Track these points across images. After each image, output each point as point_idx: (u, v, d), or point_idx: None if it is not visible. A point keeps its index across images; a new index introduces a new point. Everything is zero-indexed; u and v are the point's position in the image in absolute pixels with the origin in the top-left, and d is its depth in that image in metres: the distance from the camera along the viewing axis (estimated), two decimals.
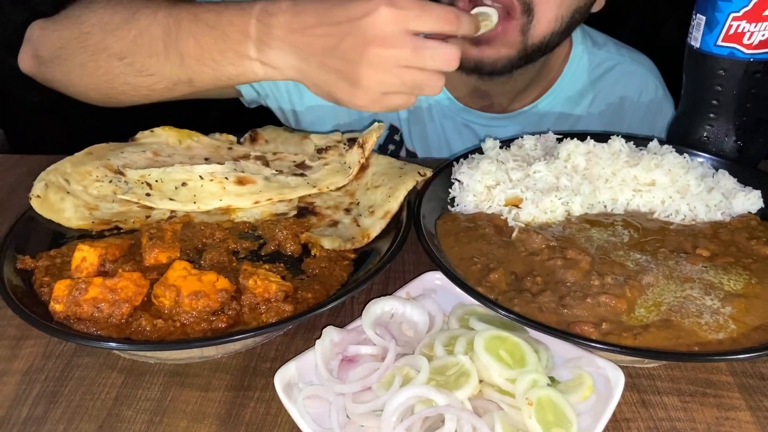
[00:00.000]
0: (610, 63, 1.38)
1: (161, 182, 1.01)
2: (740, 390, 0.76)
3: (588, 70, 1.37)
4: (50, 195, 0.97)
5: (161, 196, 1.00)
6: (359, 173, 1.06)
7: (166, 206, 1.00)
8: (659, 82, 1.42)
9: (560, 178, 0.96)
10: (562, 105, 1.36)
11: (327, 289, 0.84)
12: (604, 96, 1.38)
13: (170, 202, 1.00)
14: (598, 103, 1.38)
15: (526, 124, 1.35)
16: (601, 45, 1.39)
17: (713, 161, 1.03)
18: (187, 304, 0.77)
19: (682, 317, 0.75)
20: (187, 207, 0.99)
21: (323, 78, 0.89)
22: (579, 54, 1.36)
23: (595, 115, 1.38)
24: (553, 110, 1.36)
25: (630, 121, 1.41)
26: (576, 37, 1.34)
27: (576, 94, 1.37)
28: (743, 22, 0.98)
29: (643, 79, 1.41)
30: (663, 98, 1.42)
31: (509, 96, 1.32)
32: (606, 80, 1.38)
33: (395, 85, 0.86)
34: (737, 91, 1.04)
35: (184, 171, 1.02)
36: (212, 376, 0.78)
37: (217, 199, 1.00)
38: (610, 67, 1.38)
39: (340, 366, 0.72)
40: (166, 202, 1.00)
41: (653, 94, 1.41)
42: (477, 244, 0.88)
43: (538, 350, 0.71)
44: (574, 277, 0.81)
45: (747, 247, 0.87)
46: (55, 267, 0.86)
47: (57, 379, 0.78)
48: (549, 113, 1.36)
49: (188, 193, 1.00)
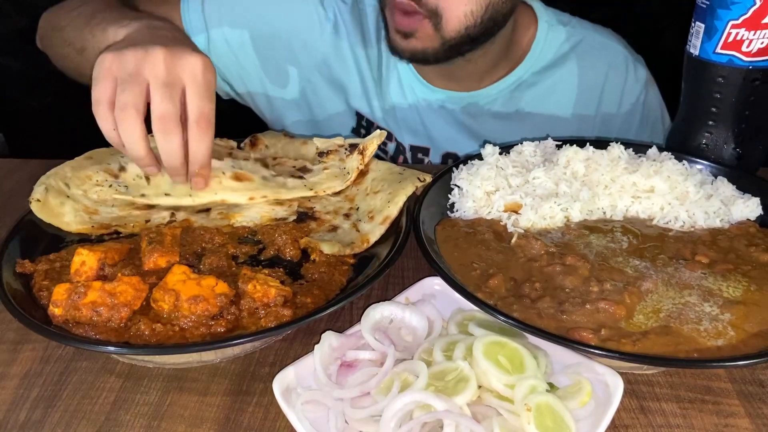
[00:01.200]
0: (576, 37, 1.41)
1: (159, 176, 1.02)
2: (739, 397, 0.75)
3: (555, 45, 1.39)
4: (50, 199, 0.97)
5: (157, 192, 1.01)
6: (359, 178, 1.06)
7: (162, 202, 1.01)
8: (627, 52, 1.44)
9: (559, 185, 0.96)
10: (532, 78, 1.39)
11: (326, 293, 0.84)
12: (573, 69, 1.40)
13: (166, 197, 1.01)
14: (567, 77, 1.40)
15: (497, 100, 1.38)
16: (566, 22, 1.42)
17: (712, 168, 1.03)
18: (186, 309, 0.77)
19: (681, 324, 0.75)
20: (183, 201, 1.01)
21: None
22: (545, 30, 1.39)
23: (566, 89, 1.40)
24: (522, 84, 1.38)
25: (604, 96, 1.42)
26: (541, 16, 1.39)
27: (543, 68, 1.39)
28: (742, 30, 0.98)
29: (612, 50, 1.43)
30: (634, 66, 1.43)
31: (477, 76, 1.35)
32: (574, 53, 1.40)
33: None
34: (736, 99, 1.04)
35: None
36: (211, 380, 0.78)
37: (212, 193, 1.01)
38: (577, 41, 1.41)
39: (339, 371, 0.72)
40: (162, 198, 1.01)
41: (624, 64, 1.42)
42: (476, 249, 0.88)
43: (537, 356, 0.71)
44: (573, 283, 0.81)
45: (746, 254, 0.87)
46: (54, 271, 0.86)
47: (55, 383, 0.78)
48: (519, 86, 1.38)
49: (184, 188, 1.01)
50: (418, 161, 1.44)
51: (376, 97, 1.39)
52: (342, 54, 1.37)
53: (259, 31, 1.34)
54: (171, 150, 0.89)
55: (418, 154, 1.43)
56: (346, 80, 1.39)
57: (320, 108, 1.42)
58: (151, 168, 0.94)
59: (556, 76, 1.39)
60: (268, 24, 1.33)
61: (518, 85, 1.38)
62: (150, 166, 0.94)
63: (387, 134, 1.42)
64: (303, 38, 1.36)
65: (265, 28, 1.34)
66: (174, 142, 0.89)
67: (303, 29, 1.35)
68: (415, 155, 1.44)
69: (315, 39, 1.36)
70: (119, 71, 0.89)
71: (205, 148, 0.91)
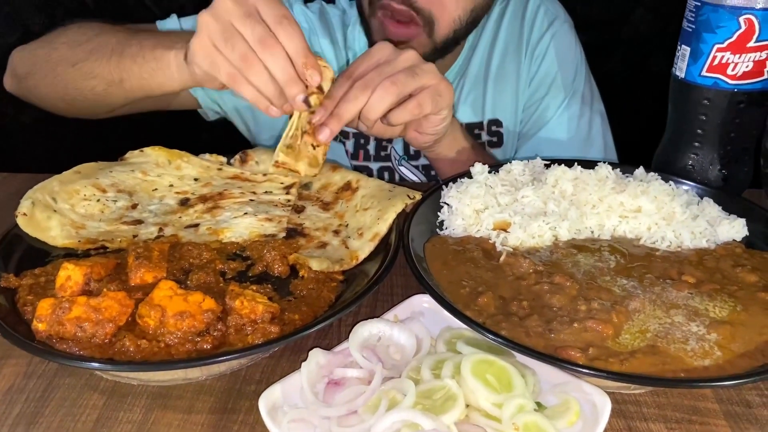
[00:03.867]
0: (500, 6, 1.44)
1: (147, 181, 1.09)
2: (726, 417, 0.75)
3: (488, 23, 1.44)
4: (37, 213, 0.96)
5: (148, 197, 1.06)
6: (348, 195, 1.07)
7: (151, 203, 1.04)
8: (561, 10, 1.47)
9: (548, 203, 0.97)
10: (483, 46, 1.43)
11: (314, 310, 0.83)
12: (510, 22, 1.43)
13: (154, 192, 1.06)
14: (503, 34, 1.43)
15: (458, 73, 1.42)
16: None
17: (698, 189, 1.04)
18: (172, 325, 0.76)
19: (668, 343, 0.75)
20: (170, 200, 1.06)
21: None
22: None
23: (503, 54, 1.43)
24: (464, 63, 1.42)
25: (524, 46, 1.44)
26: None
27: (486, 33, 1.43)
28: (727, 53, 1.00)
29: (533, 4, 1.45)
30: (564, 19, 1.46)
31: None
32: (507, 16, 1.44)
33: (220, 36, 0.92)
34: (721, 121, 1.06)
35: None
36: (196, 398, 0.77)
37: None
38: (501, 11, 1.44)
39: (326, 389, 0.71)
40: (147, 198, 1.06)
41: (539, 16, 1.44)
42: (465, 267, 0.88)
43: (525, 375, 0.70)
44: (561, 302, 0.81)
45: (732, 274, 0.88)
46: (39, 285, 0.85)
47: (38, 400, 0.77)
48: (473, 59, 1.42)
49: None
50: (382, 148, 1.44)
51: None
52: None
53: None
54: (280, 64, 0.90)
55: (383, 142, 1.44)
56: None
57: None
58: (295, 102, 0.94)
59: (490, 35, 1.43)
60: None
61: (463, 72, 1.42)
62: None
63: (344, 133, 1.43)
64: None
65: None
66: (280, 55, 0.90)
67: None
68: (379, 144, 1.44)
69: None
70: (225, 21, 0.91)
71: (300, 40, 0.92)
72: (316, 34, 1.41)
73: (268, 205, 1.06)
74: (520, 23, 1.44)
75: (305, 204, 1.08)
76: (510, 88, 1.43)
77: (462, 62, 1.42)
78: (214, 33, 0.91)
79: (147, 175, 1.10)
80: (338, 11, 1.45)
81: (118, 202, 1.04)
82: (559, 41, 1.43)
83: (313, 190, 1.12)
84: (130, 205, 1.05)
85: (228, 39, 0.91)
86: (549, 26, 1.43)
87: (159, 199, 1.07)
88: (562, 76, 1.42)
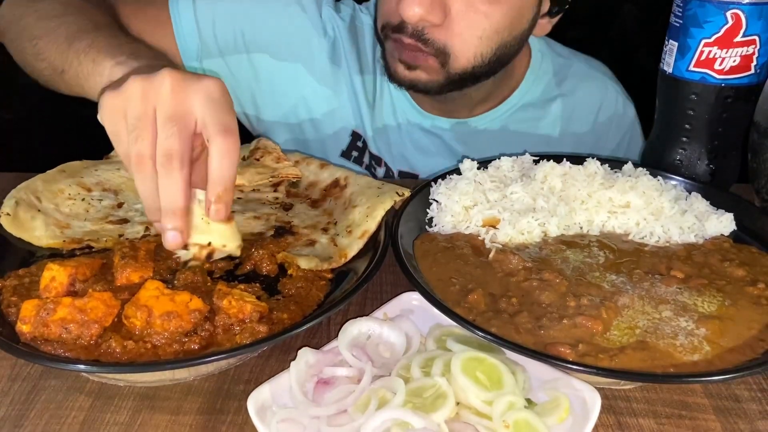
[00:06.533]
0: (568, 70, 1.43)
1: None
2: (715, 412, 0.76)
3: (548, 76, 1.41)
4: (20, 213, 0.95)
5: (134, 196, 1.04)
6: (337, 192, 1.06)
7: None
8: (618, 87, 1.47)
9: (537, 200, 0.96)
10: (524, 109, 1.40)
11: (303, 309, 0.83)
12: (564, 101, 1.42)
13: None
14: (558, 109, 1.42)
15: (490, 128, 1.39)
16: (558, 53, 1.44)
17: (686, 184, 1.05)
18: (158, 325, 0.75)
19: (658, 339, 0.75)
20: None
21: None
22: (539, 60, 1.40)
23: (557, 121, 1.42)
24: (514, 114, 1.39)
25: (596, 128, 1.45)
26: (534, 45, 1.39)
27: (536, 100, 1.40)
28: (715, 48, 1.00)
29: (601, 83, 1.45)
30: (624, 101, 1.46)
31: (470, 105, 1.36)
32: (565, 86, 1.42)
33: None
34: (709, 116, 1.06)
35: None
36: (183, 399, 0.76)
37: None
38: (568, 75, 1.43)
39: (316, 388, 0.71)
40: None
41: (614, 98, 1.45)
42: (455, 264, 0.87)
43: (516, 372, 0.70)
44: (551, 298, 0.81)
45: (720, 269, 0.88)
46: (23, 287, 0.84)
47: (23, 402, 0.76)
48: (512, 117, 1.39)
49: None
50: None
51: (369, 121, 1.37)
52: (338, 75, 1.34)
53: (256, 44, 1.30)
54: (171, 190, 0.73)
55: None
56: (340, 101, 1.36)
57: (312, 128, 1.39)
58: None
59: (547, 107, 1.40)
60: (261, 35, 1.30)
61: (510, 114, 1.39)
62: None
63: (377, 159, 1.41)
64: (299, 53, 1.32)
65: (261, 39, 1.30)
66: (176, 180, 0.73)
67: (300, 43, 1.32)
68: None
69: (313, 55, 1.32)
70: (125, 113, 0.75)
71: (230, 167, 0.74)
72: (341, 46, 1.33)
73: (256, 203, 1.06)
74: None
75: (293, 201, 1.07)
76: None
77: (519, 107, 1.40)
78: (133, 110, 0.74)
79: None
80: (371, 18, 1.37)
81: (103, 201, 1.03)
82: (633, 141, 1.49)
83: (302, 188, 1.11)
84: (115, 204, 1.04)
85: (137, 129, 0.73)
86: (628, 129, 1.48)
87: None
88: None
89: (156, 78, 0.74)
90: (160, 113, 0.73)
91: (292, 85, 1.34)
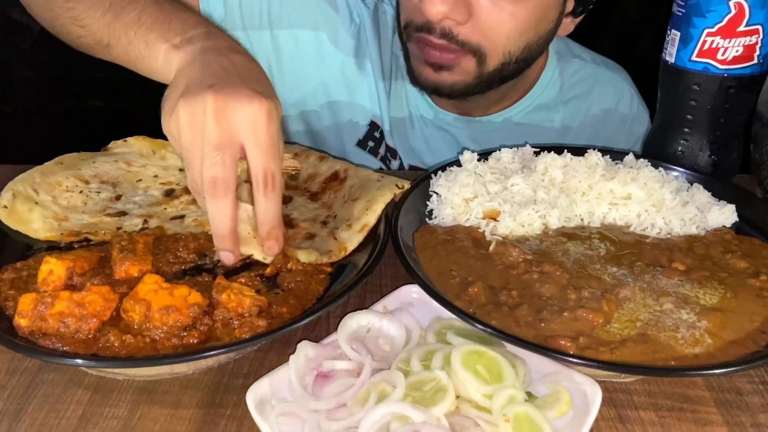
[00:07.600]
0: (584, 72, 1.41)
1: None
2: (717, 405, 0.75)
3: (562, 77, 1.40)
4: (18, 205, 0.94)
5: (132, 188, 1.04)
6: (336, 186, 1.05)
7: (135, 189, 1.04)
8: (634, 92, 1.46)
9: (537, 191, 0.96)
10: (538, 110, 1.39)
11: (302, 303, 0.82)
12: (579, 103, 1.41)
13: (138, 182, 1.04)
14: (573, 110, 1.41)
15: (503, 128, 1.38)
16: (576, 54, 1.42)
17: (688, 175, 1.04)
18: (157, 319, 0.75)
19: (659, 331, 0.75)
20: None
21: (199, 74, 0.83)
22: (554, 63, 1.38)
23: (571, 121, 1.41)
24: (528, 115, 1.38)
25: (607, 130, 1.43)
26: (552, 47, 1.37)
27: (551, 101, 1.39)
28: (717, 38, 0.99)
29: (618, 87, 1.44)
30: (639, 107, 1.45)
31: (486, 105, 1.35)
32: (580, 88, 1.41)
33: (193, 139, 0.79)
34: (711, 106, 1.05)
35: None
36: (182, 393, 0.76)
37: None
38: (584, 76, 1.41)
39: (315, 382, 0.70)
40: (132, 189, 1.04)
41: (629, 103, 1.44)
42: (455, 257, 0.87)
43: (516, 365, 0.70)
44: (551, 291, 0.80)
45: (722, 260, 0.87)
46: (20, 280, 0.83)
47: (21, 396, 0.76)
48: (526, 117, 1.38)
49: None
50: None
51: (387, 112, 1.35)
52: (361, 62, 1.32)
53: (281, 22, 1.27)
54: (218, 215, 0.79)
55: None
56: (361, 89, 1.34)
57: (330, 114, 1.36)
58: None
59: (561, 109, 1.39)
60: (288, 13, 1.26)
61: (524, 114, 1.38)
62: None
63: (392, 151, 1.39)
64: (324, 37, 1.29)
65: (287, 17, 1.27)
66: (222, 206, 0.78)
67: (326, 27, 1.28)
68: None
69: (338, 40, 1.29)
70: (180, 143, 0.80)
71: (275, 208, 0.81)
72: (364, 34, 1.31)
73: None
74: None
75: (293, 194, 1.07)
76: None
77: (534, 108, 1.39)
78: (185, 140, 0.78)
79: (131, 166, 1.08)
80: (393, 10, 1.33)
81: (101, 193, 1.03)
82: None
83: (301, 181, 1.11)
84: (113, 197, 1.03)
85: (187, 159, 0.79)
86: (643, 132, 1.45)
87: (143, 190, 1.05)
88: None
89: (198, 102, 0.76)
90: (204, 142, 0.77)
91: (314, 69, 1.31)
